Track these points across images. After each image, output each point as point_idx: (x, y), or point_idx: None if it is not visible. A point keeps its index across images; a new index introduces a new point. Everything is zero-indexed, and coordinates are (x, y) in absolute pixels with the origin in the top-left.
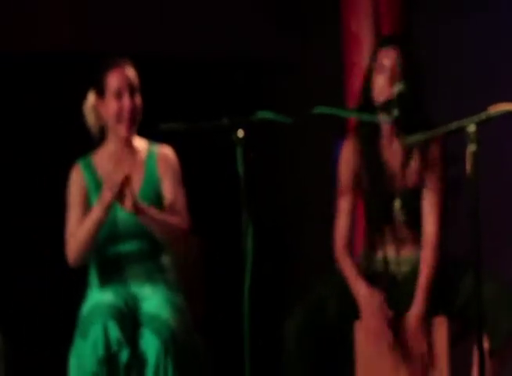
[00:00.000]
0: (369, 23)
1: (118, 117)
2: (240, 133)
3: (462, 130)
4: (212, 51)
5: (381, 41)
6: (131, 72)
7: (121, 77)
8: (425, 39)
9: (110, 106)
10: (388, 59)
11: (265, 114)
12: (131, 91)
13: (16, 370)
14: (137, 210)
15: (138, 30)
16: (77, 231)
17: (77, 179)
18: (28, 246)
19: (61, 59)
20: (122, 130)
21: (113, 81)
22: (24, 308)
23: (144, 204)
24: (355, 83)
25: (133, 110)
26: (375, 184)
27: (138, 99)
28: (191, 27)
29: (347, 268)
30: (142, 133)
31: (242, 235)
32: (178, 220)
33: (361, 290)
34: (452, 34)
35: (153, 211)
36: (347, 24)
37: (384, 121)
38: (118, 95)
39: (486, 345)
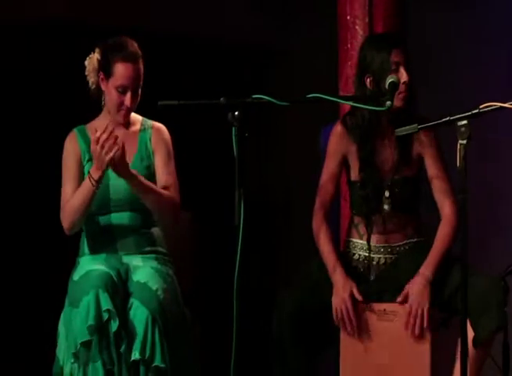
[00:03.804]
0: (364, 12)
1: (118, 107)
2: (236, 113)
3: (452, 124)
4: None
5: (392, 41)
6: (139, 68)
7: (129, 74)
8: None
9: (112, 95)
10: (401, 58)
11: (261, 96)
12: (135, 88)
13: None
14: (129, 177)
15: (134, 8)
16: (71, 199)
17: (72, 147)
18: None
19: (57, 28)
20: (119, 118)
21: (120, 74)
22: (12, 274)
23: (135, 172)
24: (349, 71)
25: (133, 105)
26: (364, 172)
27: (139, 94)
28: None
29: (324, 247)
30: (138, 110)
31: (232, 211)
32: (169, 193)
33: (335, 277)
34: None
35: (145, 181)
36: (342, 13)
37: (379, 109)
38: (122, 91)
39: (471, 336)
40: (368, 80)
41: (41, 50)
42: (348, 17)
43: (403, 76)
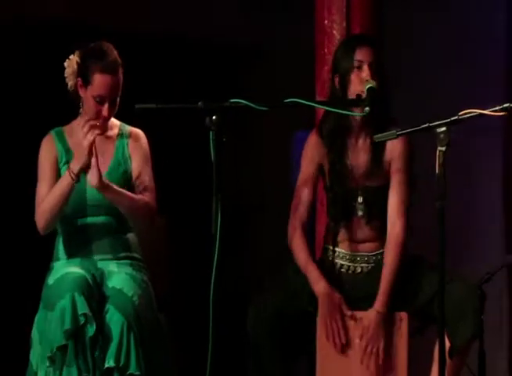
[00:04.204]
0: (342, 17)
1: (95, 115)
2: (214, 118)
3: (432, 130)
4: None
5: (357, 40)
6: (118, 78)
7: (108, 85)
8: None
9: (89, 104)
10: (366, 57)
11: (239, 101)
12: (114, 98)
13: None
14: (102, 186)
15: (115, 11)
16: (46, 199)
17: (48, 148)
18: None
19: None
20: (98, 130)
21: (98, 85)
22: None
23: (109, 182)
24: (325, 75)
25: (111, 115)
26: (338, 180)
27: (117, 103)
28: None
29: (305, 263)
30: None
31: (209, 216)
32: (144, 199)
33: (320, 289)
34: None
35: (119, 190)
36: (320, 17)
37: (357, 116)
38: (100, 101)
39: (447, 344)
40: (336, 79)
41: (41, 50)
42: (326, 22)
43: (366, 75)
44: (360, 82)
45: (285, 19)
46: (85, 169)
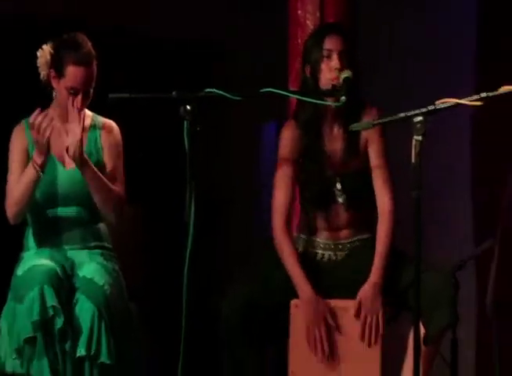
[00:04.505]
0: (315, 7)
1: (69, 104)
2: (188, 107)
3: (408, 120)
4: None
5: (326, 29)
6: (92, 70)
7: (82, 77)
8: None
9: (62, 95)
10: (336, 46)
11: (214, 90)
12: (87, 90)
13: None
14: (82, 161)
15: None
16: (14, 188)
17: (19, 137)
18: None
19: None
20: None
21: (72, 77)
22: None
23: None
24: (299, 66)
25: (84, 107)
26: (314, 168)
27: (91, 95)
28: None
29: (292, 266)
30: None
31: (181, 206)
32: (116, 189)
33: (305, 295)
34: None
35: (97, 171)
36: (293, 7)
37: (332, 105)
38: (73, 93)
39: (422, 331)
40: (307, 69)
41: (12, 38)
42: (299, 12)
43: (335, 63)
44: (330, 71)
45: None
46: (59, 157)
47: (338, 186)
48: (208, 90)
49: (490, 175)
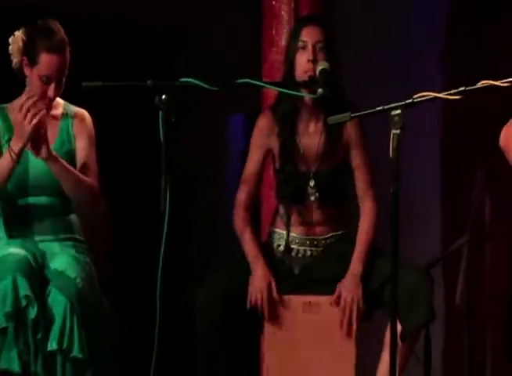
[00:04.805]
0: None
1: (41, 95)
2: (164, 97)
3: (386, 113)
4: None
5: (303, 20)
6: (66, 58)
7: (55, 65)
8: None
9: (35, 84)
10: (311, 37)
11: (189, 80)
12: (60, 78)
13: None
14: (50, 158)
15: None
16: None
17: None
18: None
19: None
20: (41, 105)
21: (45, 65)
22: None
23: (57, 155)
24: (273, 57)
25: (56, 95)
26: (288, 163)
27: (63, 83)
28: None
29: (247, 241)
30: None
31: (154, 197)
32: (89, 180)
33: (256, 267)
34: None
35: (67, 165)
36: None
37: (309, 98)
38: (46, 81)
39: (399, 328)
40: (286, 61)
41: None
42: (274, 2)
43: (309, 55)
44: (304, 62)
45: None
46: (31, 146)
47: (311, 183)
48: (184, 79)
49: (459, 174)
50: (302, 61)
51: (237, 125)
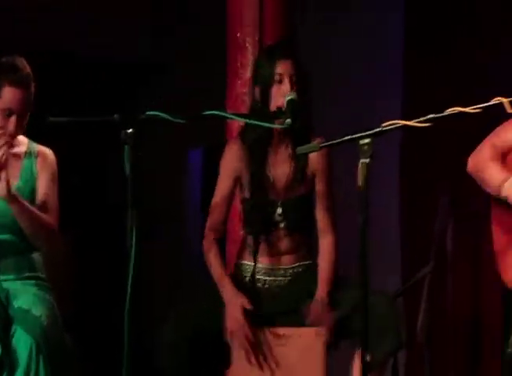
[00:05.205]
0: (255, 30)
1: (2, 128)
2: (130, 131)
3: (355, 142)
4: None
5: (276, 53)
6: (30, 93)
7: (18, 99)
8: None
9: None
10: (287, 70)
11: (156, 113)
12: (23, 113)
13: None
14: (10, 198)
15: (26, 26)
16: None
17: None
18: None
19: None
20: (2, 141)
21: (8, 99)
22: None
23: (17, 194)
24: (239, 89)
25: (18, 129)
26: (256, 192)
27: (27, 118)
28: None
29: (215, 267)
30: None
31: (122, 233)
32: (48, 218)
33: (226, 294)
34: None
35: (27, 205)
36: (232, 30)
37: (279, 128)
38: (8, 114)
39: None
40: (256, 90)
41: None
42: (238, 35)
43: (286, 88)
44: (281, 96)
45: (195, 34)
46: None
47: (279, 211)
48: (151, 113)
49: (419, 204)
50: (279, 94)
51: (196, 160)
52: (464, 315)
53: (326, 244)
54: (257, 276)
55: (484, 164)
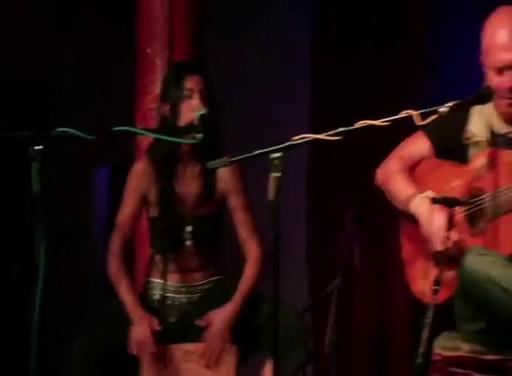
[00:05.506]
0: (165, 45)
1: None
2: (39, 148)
3: (264, 156)
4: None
5: (185, 68)
6: None
7: None
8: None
9: None
10: (196, 86)
11: (66, 130)
12: None
13: None
14: None
15: None
16: None
17: None
18: None
19: None
20: None
21: None
22: None
23: None
24: (148, 105)
25: None
26: (167, 209)
27: None
28: None
29: (123, 290)
30: None
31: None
32: None
33: (134, 316)
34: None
35: None
36: (142, 46)
37: (190, 143)
38: None
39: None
40: (165, 106)
41: None
42: (148, 50)
43: (196, 103)
44: (191, 111)
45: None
46: None
47: (188, 228)
48: (61, 129)
49: (326, 217)
50: (188, 109)
51: (103, 176)
52: (371, 329)
53: (251, 259)
54: (167, 294)
55: (391, 176)
